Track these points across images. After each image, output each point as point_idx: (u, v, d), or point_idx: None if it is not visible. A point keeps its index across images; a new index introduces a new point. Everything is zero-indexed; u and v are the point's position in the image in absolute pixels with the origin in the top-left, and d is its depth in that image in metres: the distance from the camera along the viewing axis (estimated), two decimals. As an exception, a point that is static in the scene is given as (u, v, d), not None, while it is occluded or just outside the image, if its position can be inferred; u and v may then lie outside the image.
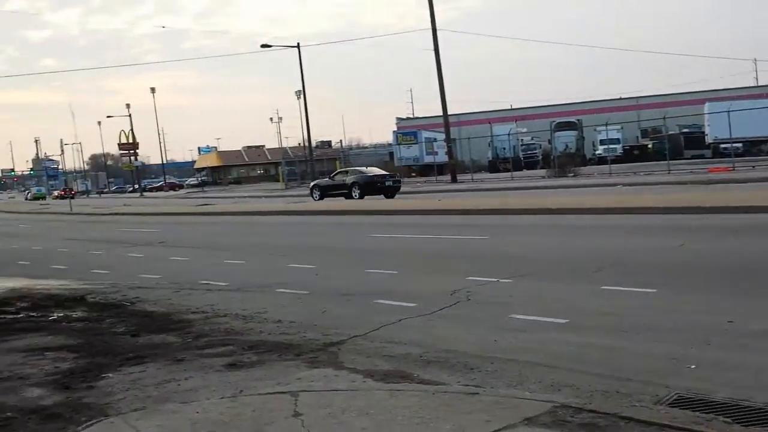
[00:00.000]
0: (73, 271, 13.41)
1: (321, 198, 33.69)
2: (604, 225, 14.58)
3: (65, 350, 6.66)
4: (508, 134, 56.58)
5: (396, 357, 5.71)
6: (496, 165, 57.08)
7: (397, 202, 27.82)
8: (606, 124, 48.10)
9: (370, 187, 32.16)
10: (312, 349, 6.10)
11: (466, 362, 5.47)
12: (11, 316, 8.74)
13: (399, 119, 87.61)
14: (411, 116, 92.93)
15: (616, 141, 55.35)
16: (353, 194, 31.70)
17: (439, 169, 52.24)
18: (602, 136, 53.33)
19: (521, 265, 9.85)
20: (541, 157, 56.58)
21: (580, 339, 5.95)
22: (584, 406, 4.24)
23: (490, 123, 59.54)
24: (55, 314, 8.67)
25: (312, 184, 37.17)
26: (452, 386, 4.84)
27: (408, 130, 67.07)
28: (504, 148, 57.41)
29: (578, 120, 59.12)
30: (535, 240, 13.03)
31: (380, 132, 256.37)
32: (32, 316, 8.70)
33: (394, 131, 68.86)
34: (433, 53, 41.38)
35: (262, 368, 5.57)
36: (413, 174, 59.42)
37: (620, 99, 74.95)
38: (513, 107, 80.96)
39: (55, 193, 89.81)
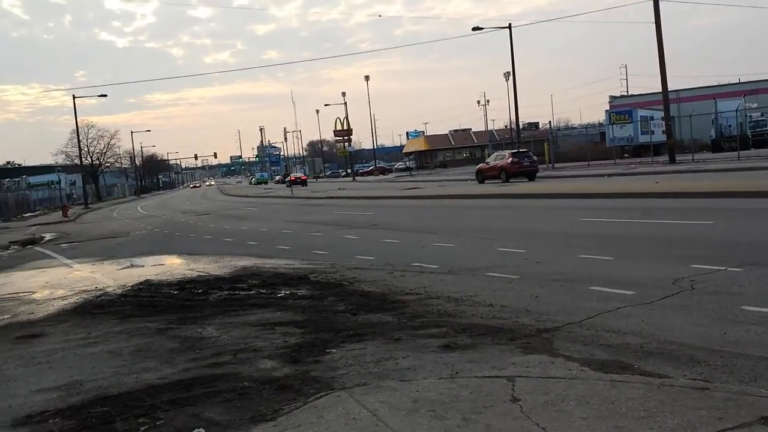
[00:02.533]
0: (296, 251, 14.35)
1: None
2: None
3: (293, 326, 7.15)
4: (736, 110, 52.06)
5: (614, 346, 5.50)
6: (719, 144, 52.84)
7: (610, 185, 26.69)
8: None
9: None
10: (525, 334, 6.04)
11: (692, 355, 5.15)
12: (244, 293, 9.54)
13: (612, 98, 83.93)
14: (625, 94, 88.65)
15: None
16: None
17: (655, 149, 49.38)
18: None
19: (753, 253, 9.05)
20: (772, 135, 51.51)
21: (827, 336, 5.37)
22: (833, 409, 3.83)
23: (714, 99, 55.21)
24: (283, 292, 9.33)
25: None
26: (678, 380, 4.58)
27: (622, 109, 64.04)
28: (729, 126, 52.94)
29: (819, 92, 53.02)
30: (768, 225, 11.90)
31: (591, 112, 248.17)
32: (262, 292, 9.44)
33: (606, 110, 66.09)
34: (651, 26, 38.91)
35: (476, 351, 5.61)
36: (625, 155, 56.70)
37: None
38: (741, 81, 74.39)
39: (277, 177, 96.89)
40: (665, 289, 7.35)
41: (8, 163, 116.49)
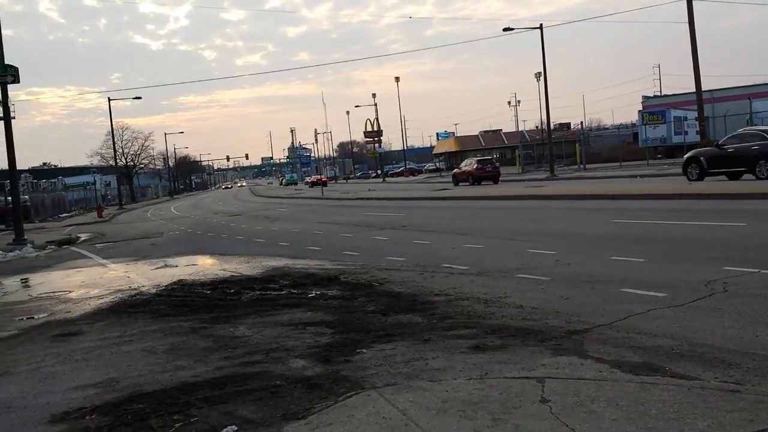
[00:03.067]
0: (327, 252, 14.45)
1: None
2: None
3: (323, 326, 7.22)
4: (772, 110, 51.19)
5: (645, 348, 5.48)
6: (755, 144, 51.98)
7: (640, 186, 26.43)
8: None
9: None
10: (555, 336, 6.04)
11: (723, 358, 5.11)
12: (275, 293, 9.64)
13: (645, 98, 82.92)
14: (658, 94, 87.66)
15: None
16: None
17: (688, 149, 48.70)
18: None
19: (788, 255, 8.94)
20: (810, 135, 50.50)
21: None
22: None
23: (749, 99, 54.35)
24: (313, 292, 9.41)
25: None
26: (709, 382, 4.56)
27: (655, 110, 63.27)
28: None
29: None
30: (804, 227, 11.72)
31: (623, 112, 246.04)
32: (293, 293, 9.54)
33: (639, 111, 65.34)
34: (685, 26, 38.47)
35: (506, 352, 5.63)
36: (658, 156, 56.09)
37: None
38: (776, 80, 73.05)
39: (307, 178, 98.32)
40: (697, 292, 7.30)
41: (44, 164, 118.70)
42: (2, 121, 24.23)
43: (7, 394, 5.70)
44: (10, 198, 28.89)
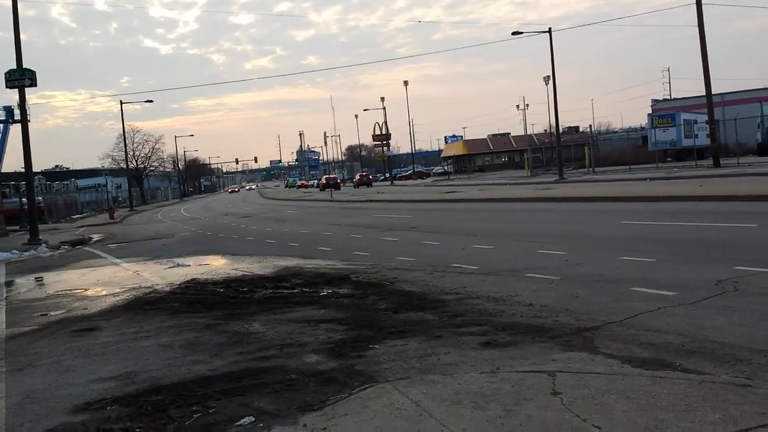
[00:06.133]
0: (337, 252, 14.54)
1: None
2: None
3: (336, 322, 7.32)
4: (782, 113, 51.07)
5: (655, 345, 5.54)
6: (766, 148, 51.81)
7: (652, 188, 26.42)
8: None
9: None
10: (565, 332, 6.11)
11: (734, 354, 5.17)
12: (288, 291, 9.75)
13: (654, 101, 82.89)
14: (668, 98, 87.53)
15: None
16: None
17: (698, 153, 48.70)
18: None
19: (798, 256, 8.97)
20: (821, 138, 50.36)
21: None
22: None
23: (760, 102, 54.17)
24: (325, 290, 9.52)
25: None
26: (719, 377, 4.62)
27: (665, 113, 63.12)
28: (776, 129, 51.90)
29: None
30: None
31: (632, 116, 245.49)
32: (305, 291, 9.64)
33: (648, 114, 65.26)
34: (695, 29, 38.49)
35: (516, 348, 5.71)
36: (668, 159, 55.99)
37: None
38: (788, 83, 72.84)
39: (313, 181, 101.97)
40: (708, 290, 7.35)
41: (57, 166, 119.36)
42: (19, 124, 24.44)
43: (31, 386, 5.84)
44: (24, 199, 29.15)
